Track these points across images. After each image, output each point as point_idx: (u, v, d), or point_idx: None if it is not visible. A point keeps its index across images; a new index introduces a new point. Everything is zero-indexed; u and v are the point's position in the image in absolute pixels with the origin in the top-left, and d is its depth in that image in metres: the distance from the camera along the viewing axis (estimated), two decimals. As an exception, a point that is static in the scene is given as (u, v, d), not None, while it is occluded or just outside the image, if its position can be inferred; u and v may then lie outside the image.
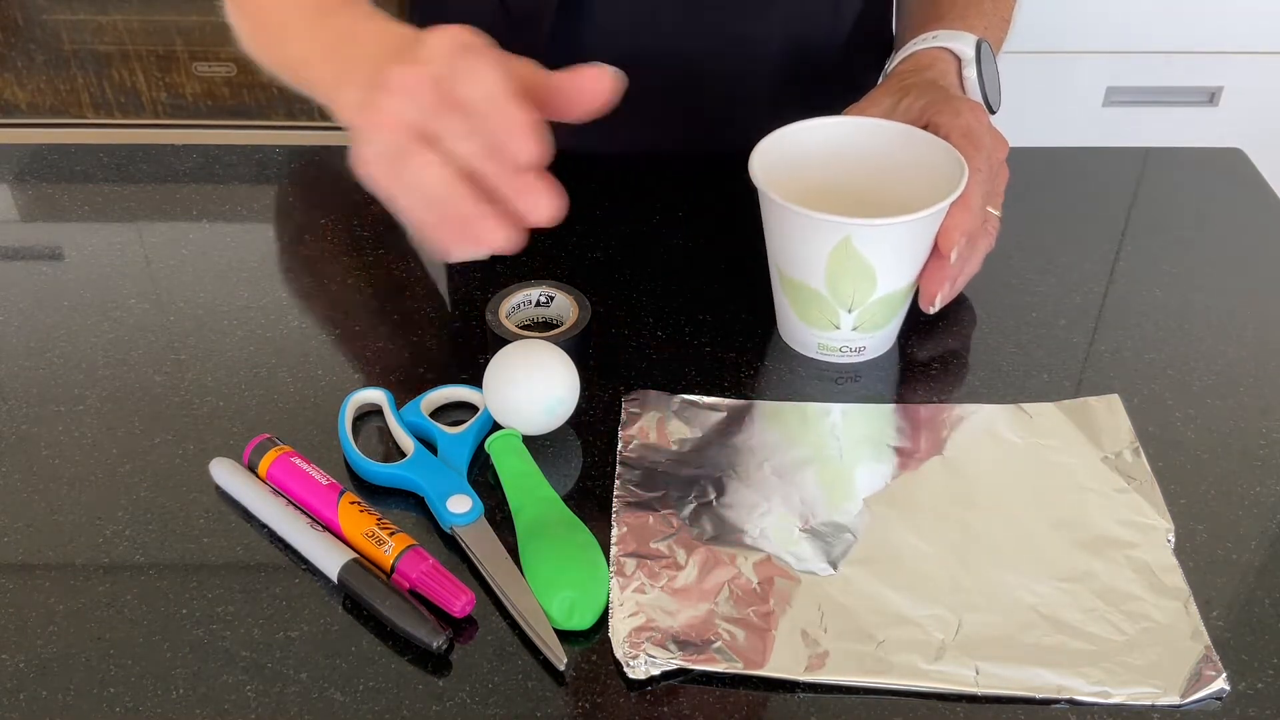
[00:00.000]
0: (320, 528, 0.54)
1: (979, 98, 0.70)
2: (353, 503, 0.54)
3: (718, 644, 0.49)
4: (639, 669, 0.48)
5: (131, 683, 0.48)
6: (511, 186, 0.49)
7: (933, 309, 0.64)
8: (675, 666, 0.48)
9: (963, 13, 0.75)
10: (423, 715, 0.47)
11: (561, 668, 0.48)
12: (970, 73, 0.70)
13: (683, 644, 0.49)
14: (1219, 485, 0.57)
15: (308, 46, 0.63)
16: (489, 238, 0.49)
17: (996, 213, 0.66)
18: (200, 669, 0.49)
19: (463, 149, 0.49)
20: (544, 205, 0.49)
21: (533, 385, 0.57)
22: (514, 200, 0.49)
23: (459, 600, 0.50)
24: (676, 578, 0.52)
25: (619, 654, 0.49)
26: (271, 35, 0.66)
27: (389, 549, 0.52)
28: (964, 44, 0.71)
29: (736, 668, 0.48)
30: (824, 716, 0.47)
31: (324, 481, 0.55)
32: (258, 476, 0.57)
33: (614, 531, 0.54)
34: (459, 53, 0.51)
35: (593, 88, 0.52)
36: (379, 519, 0.53)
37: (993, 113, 0.70)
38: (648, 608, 0.50)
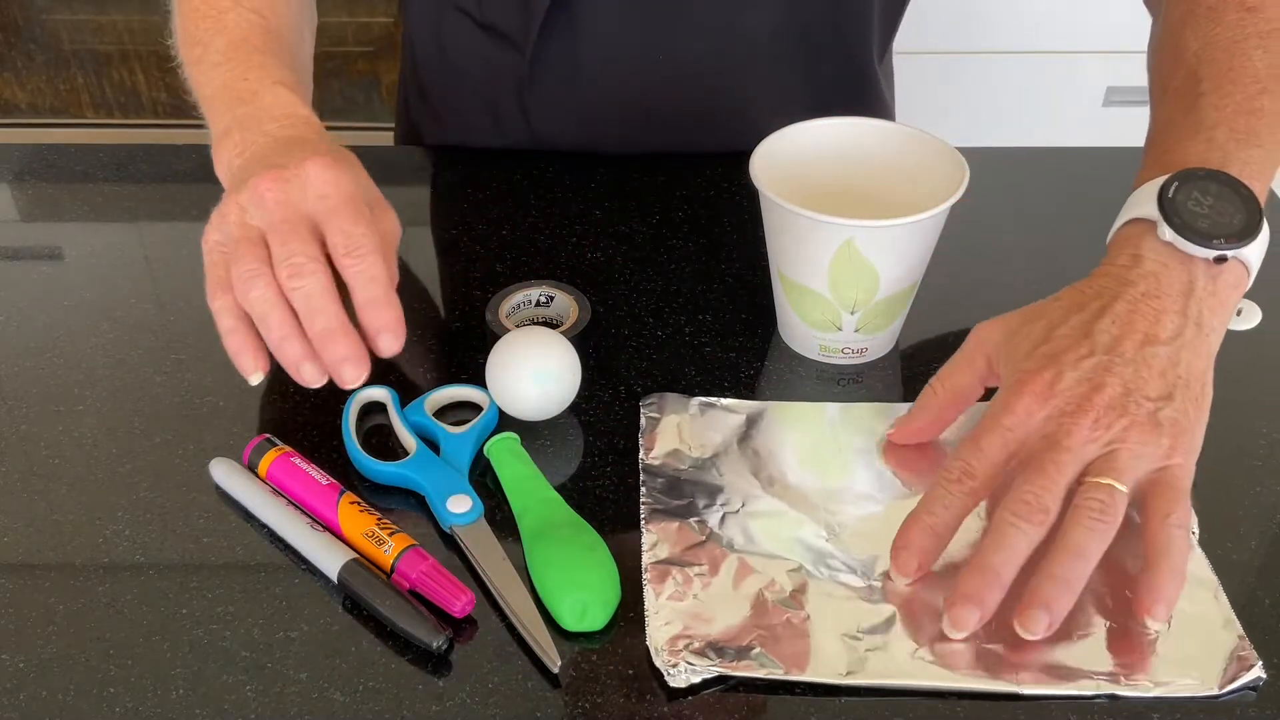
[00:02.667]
0: (320, 528, 0.54)
1: (1199, 252, 0.52)
2: (352, 503, 0.54)
3: (756, 650, 0.48)
4: (679, 678, 0.47)
5: (131, 683, 0.48)
6: (325, 348, 0.54)
7: (1154, 622, 0.49)
8: (716, 674, 0.48)
9: (1215, 117, 0.55)
10: (423, 715, 0.47)
11: (556, 670, 0.48)
12: (1166, 233, 0.52)
13: (721, 651, 0.48)
14: (1219, 485, 0.57)
15: (214, 83, 0.65)
16: (303, 374, 0.54)
17: (1121, 484, 0.48)
18: (200, 669, 0.49)
19: (292, 285, 0.54)
20: (349, 375, 0.54)
21: (535, 363, 0.57)
22: (323, 356, 0.54)
23: (459, 600, 0.50)
24: (710, 584, 0.51)
25: (658, 663, 0.48)
26: (192, 53, 0.69)
27: (389, 549, 0.52)
28: (1145, 201, 0.53)
29: (777, 673, 0.48)
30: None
31: (324, 481, 0.55)
32: (257, 476, 0.57)
33: (644, 540, 0.53)
34: (345, 206, 0.55)
35: (373, 341, 0.56)
36: (379, 519, 0.53)
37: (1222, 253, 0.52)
38: (684, 615, 0.50)
